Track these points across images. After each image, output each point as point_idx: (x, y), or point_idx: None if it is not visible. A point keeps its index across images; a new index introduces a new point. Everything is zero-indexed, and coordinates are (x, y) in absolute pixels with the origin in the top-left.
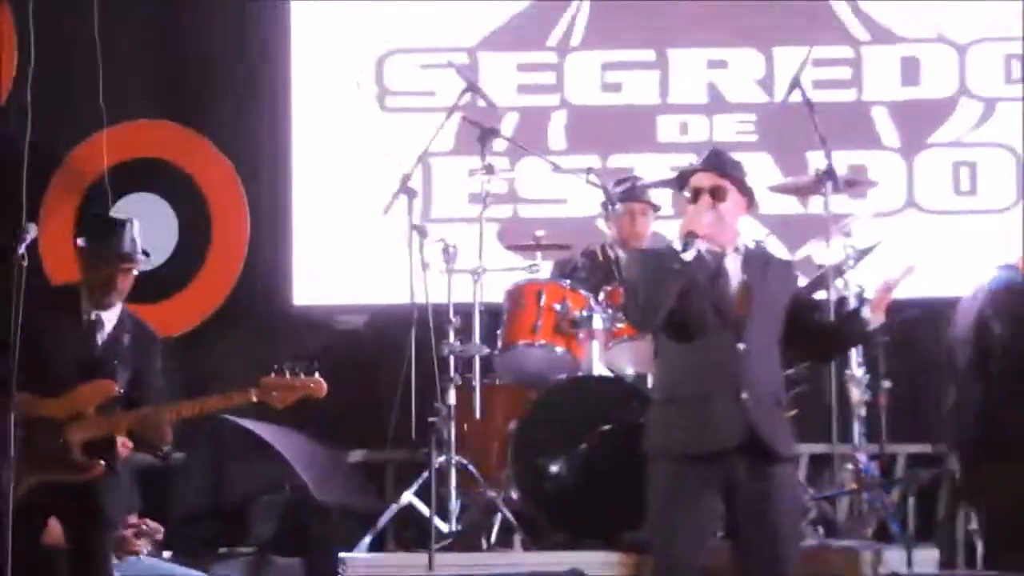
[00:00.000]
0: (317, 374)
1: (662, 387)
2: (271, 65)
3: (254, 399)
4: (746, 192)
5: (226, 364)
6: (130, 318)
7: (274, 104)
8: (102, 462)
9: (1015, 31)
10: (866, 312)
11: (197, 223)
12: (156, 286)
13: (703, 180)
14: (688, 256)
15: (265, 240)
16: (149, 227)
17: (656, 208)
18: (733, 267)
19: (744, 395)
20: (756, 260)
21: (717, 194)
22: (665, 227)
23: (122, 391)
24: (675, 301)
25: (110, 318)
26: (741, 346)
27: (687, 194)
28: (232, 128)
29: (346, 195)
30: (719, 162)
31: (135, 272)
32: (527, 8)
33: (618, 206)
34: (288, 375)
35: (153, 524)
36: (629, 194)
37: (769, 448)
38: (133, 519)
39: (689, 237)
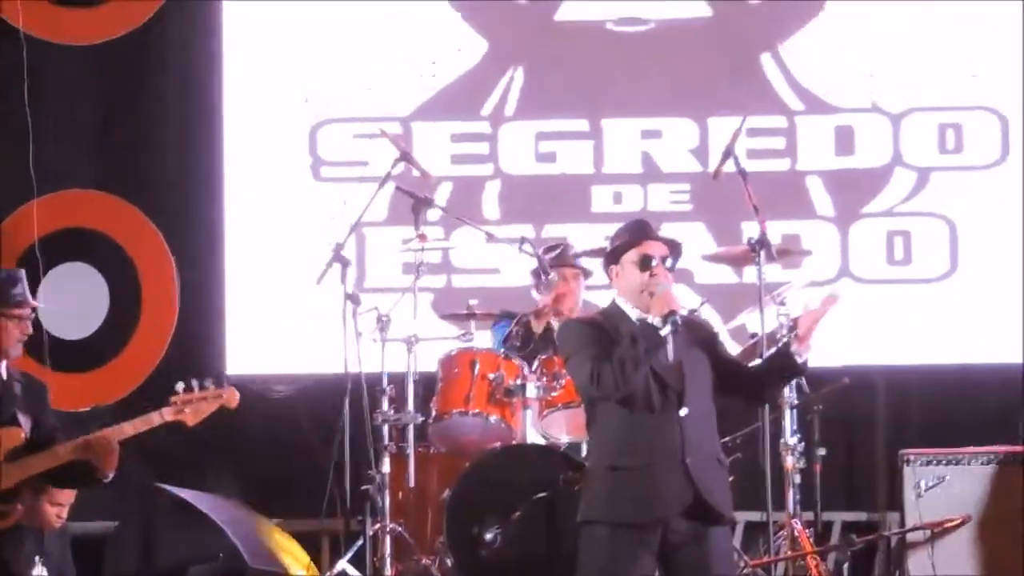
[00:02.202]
0: (226, 384)
1: (600, 455)
2: (204, 133)
3: (169, 418)
4: (676, 260)
5: (160, 432)
6: (15, 368)
7: (207, 173)
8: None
9: (948, 101)
10: (794, 346)
11: (128, 292)
12: (87, 355)
13: (653, 248)
14: (665, 333)
15: (198, 308)
16: (81, 296)
17: (587, 274)
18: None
19: (688, 460)
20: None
21: (666, 262)
22: (594, 296)
23: (27, 437)
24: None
25: (2, 370)
26: (683, 411)
27: (636, 264)
28: (164, 198)
29: (279, 264)
30: (656, 232)
31: (27, 321)
32: (461, 77)
33: (552, 275)
34: (197, 389)
35: None
36: (560, 259)
37: (712, 510)
38: None
39: (672, 316)
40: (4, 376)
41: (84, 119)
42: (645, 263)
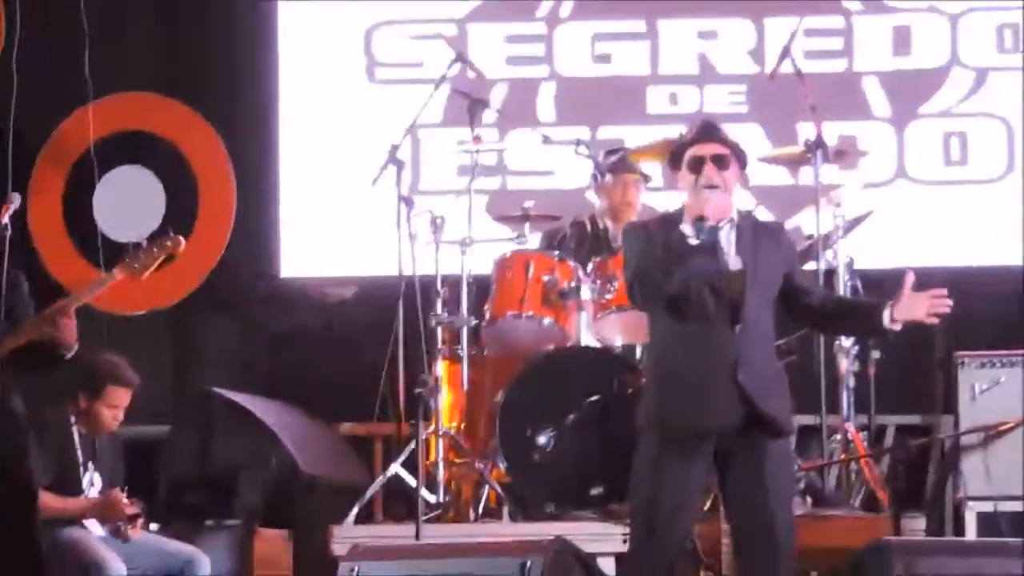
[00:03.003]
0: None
1: (656, 361)
2: (258, 37)
3: (120, 277)
4: (742, 163)
5: (213, 336)
6: None
7: (261, 76)
8: None
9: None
10: (887, 320)
11: (184, 195)
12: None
13: (704, 149)
14: (696, 242)
15: (252, 212)
16: (136, 199)
17: (647, 179)
18: (727, 244)
19: (741, 377)
20: (748, 232)
21: (720, 162)
22: (654, 199)
23: None
24: (679, 287)
25: None
26: (738, 327)
27: (686, 165)
28: (220, 100)
29: (334, 167)
30: (717, 132)
31: None
32: None
33: (608, 177)
34: (144, 245)
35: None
36: (620, 165)
37: (769, 424)
38: (118, 493)
39: (700, 222)
40: None
41: (138, 22)
42: (694, 164)
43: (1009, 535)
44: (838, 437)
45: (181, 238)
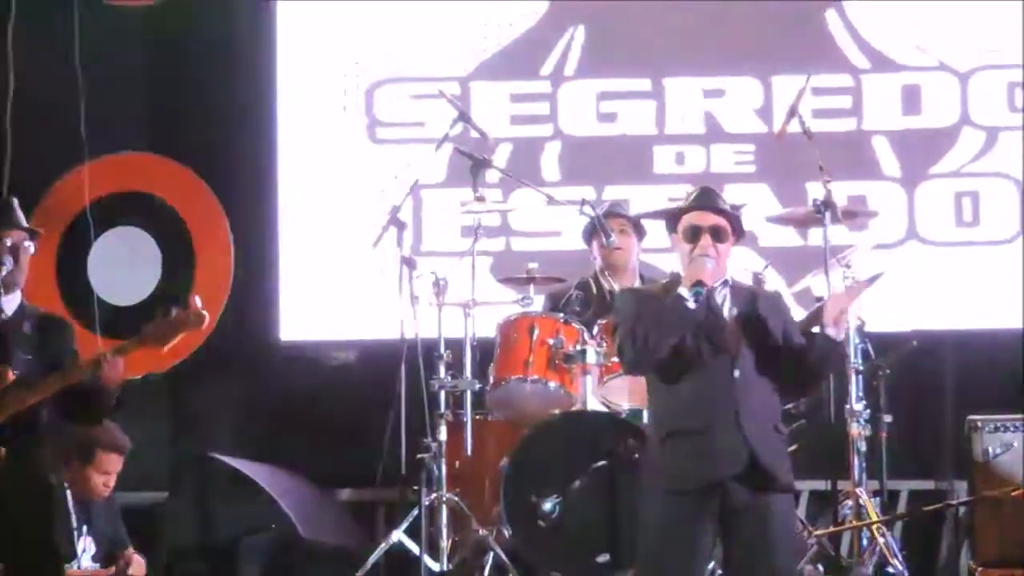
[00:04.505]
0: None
1: (659, 422)
2: (258, 95)
3: (140, 347)
4: (738, 231)
5: (214, 401)
6: (33, 308)
7: (261, 136)
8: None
9: (1017, 59)
10: (829, 329)
11: (181, 257)
12: (139, 321)
13: (702, 219)
14: (694, 307)
15: (251, 274)
16: (133, 261)
17: (639, 229)
18: (722, 299)
19: (744, 422)
20: (743, 291)
21: (717, 235)
22: (655, 259)
23: (17, 373)
24: (670, 349)
25: (8, 306)
26: (736, 373)
27: (683, 234)
28: (218, 161)
29: (334, 228)
30: (716, 201)
31: (28, 247)
32: (521, 36)
33: (612, 238)
34: (164, 313)
35: (137, 558)
36: (609, 212)
37: (769, 475)
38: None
39: (698, 288)
40: (8, 312)
41: (136, 81)
42: (691, 234)
43: None
44: (850, 503)
45: (206, 314)
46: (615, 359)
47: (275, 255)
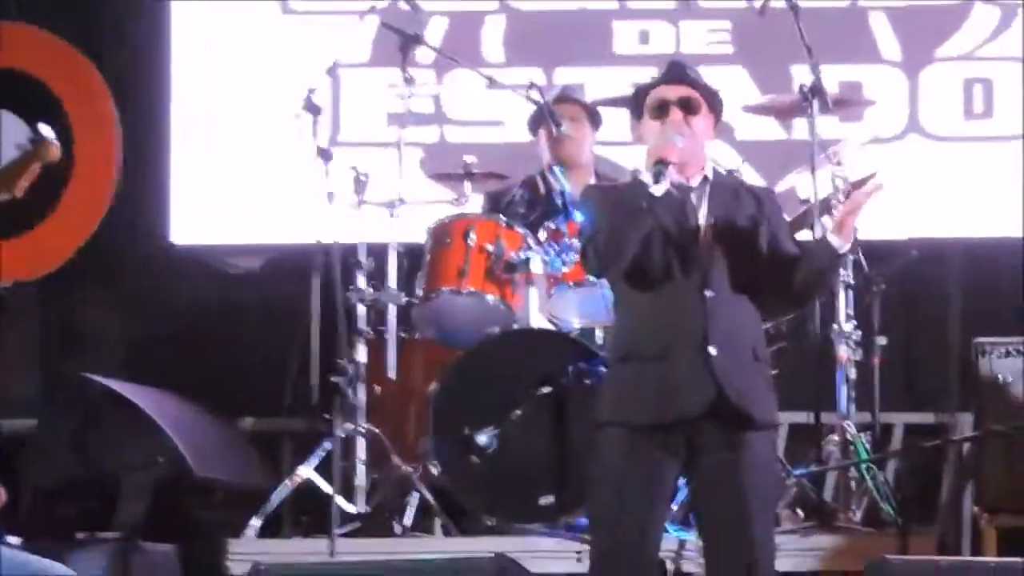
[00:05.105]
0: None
1: (616, 343)
2: None
3: None
4: (716, 109)
5: (93, 315)
6: None
7: (152, 5)
8: None
9: None
10: (831, 236)
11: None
12: (6, 220)
13: (670, 92)
14: (659, 190)
15: (138, 165)
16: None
17: (594, 118)
18: (699, 201)
19: (712, 350)
20: (725, 191)
21: (688, 107)
22: (614, 153)
23: None
24: (639, 246)
25: None
26: (708, 293)
27: (649, 111)
28: (100, 34)
29: (238, 114)
30: (685, 72)
31: None
32: None
33: (564, 127)
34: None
35: None
36: (559, 98)
37: (741, 412)
38: None
39: (660, 166)
40: None
41: None
42: (657, 109)
43: None
44: (836, 439)
45: (52, 141)
46: (564, 268)
47: (166, 143)
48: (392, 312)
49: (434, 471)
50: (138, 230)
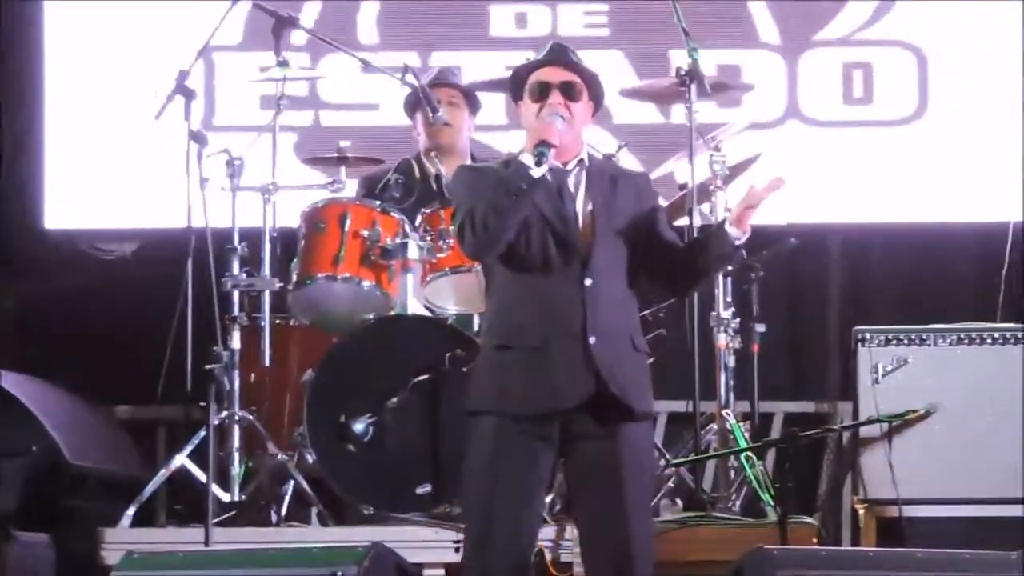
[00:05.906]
0: None
1: (492, 330)
2: None
3: None
4: (596, 97)
5: None
6: None
7: None
8: None
9: None
10: (728, 227)
11: None
12: None
13: (552, 75)
14: (540, 172)
15: (8, 148)
16: None
17: (472, 101)
18: (576, 187)
19: (592, 339)
20: (602, 177)
21: (569, 92)
22: (491, 138)
23: None
24: (515, 231)
25: None
26: (588, 281)
27: (529, 93)
28: None
29: (109, 95)
30: (568, 56)
31: None
32: None
33: (441, 112)
34: None
35: None
36: (436, 80)
37: (620, 403)
38: None
39: (542, 147)
40: None
41: None
42: (538, 91)
43: (914, 544)
44: (715, 427)
45: None
46: (440, 254)
47: (39, 126)
48: (267, 298)
49: (310, 459)
50: (9, 216)
